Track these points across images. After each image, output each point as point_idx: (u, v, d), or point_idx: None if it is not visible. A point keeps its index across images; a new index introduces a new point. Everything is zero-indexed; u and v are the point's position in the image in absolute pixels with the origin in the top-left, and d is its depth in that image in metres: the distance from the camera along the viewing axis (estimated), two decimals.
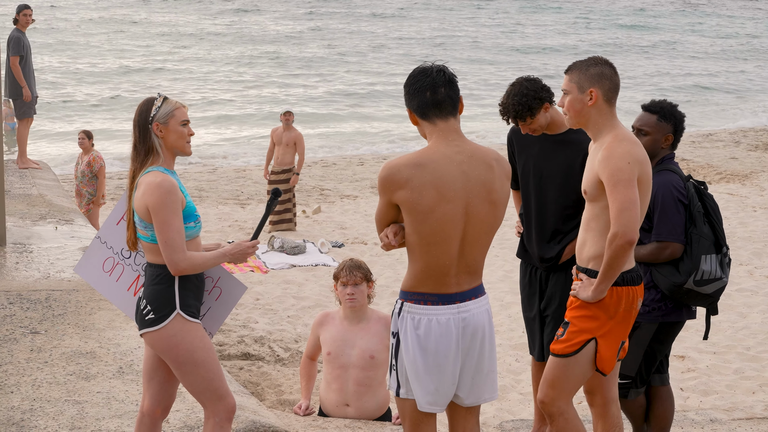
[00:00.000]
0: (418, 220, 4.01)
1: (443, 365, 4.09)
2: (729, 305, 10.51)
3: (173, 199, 4.27)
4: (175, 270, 4.29)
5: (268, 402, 7.93)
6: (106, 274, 4.71)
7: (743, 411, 7.04)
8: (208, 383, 4.39)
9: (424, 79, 4.09)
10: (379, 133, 26.68)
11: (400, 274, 12.20)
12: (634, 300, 4.49)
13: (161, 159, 4.41)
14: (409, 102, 4.15)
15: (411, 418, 4.21)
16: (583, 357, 4.48)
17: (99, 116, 28.09)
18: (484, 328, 4.15)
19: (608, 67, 4.52)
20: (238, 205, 16.64)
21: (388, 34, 49.66)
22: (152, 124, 4.38)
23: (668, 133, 5.21)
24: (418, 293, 4.10)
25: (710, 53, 46.90)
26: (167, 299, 4.33)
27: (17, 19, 13.07)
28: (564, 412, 4.55)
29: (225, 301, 4.69)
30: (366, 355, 6.06)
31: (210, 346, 4.41)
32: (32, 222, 10.41)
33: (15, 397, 5.75)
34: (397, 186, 4.01)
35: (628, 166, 4.30)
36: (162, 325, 4.32)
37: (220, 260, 4.41)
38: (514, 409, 7.86)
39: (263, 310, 10.73)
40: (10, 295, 7.66)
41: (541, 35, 51.78)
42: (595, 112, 4.48)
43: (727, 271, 5.16)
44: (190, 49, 42.59)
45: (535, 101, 5.33)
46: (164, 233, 4.26)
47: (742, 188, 17.80)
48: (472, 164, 4.07)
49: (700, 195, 5.17)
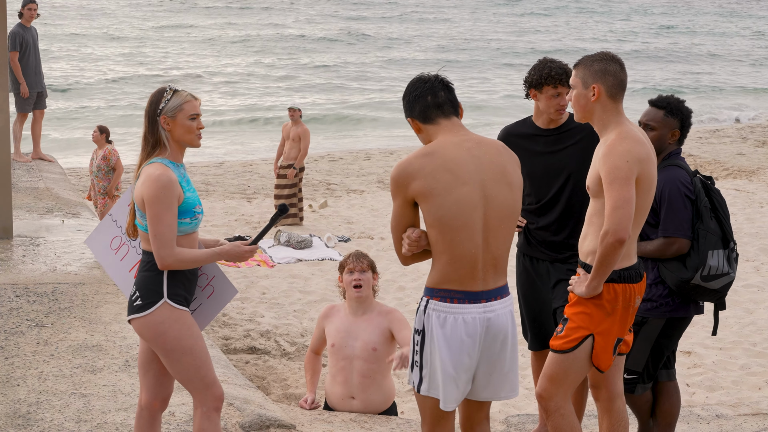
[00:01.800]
0: (436, 206, 3.99)
1: (465, 363, 4.09)
2: (735, 301, 10.49)
3: (167, 194, 4.27)
4: (161, 264, 4.30)
5: (274, 396, 7.93)
6: (113, 252, 4.77)
7: (749, 407, 7.03)
8: (196, 371, 4.37)
9: (422, 85, 4.13)
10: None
11: (406, 270, 12.19)
12: (631, 297, 4.48)
13: (168, 151, 4.41)
14: (410, 111, 4.16)
15: (432, 414, 4.20)
16: (581, 353, 4.48)
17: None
18: (506, 330, 4.15)
19: (614, 64, 4.49)
20: (245, 199, 16.65)
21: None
22: (160, 116, 4.38)
23: (675, 128, 5.19)
24: (444, 290, 4.08)
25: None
26: (155, 287, 4.34)
27: (22, 13, 13.07)
28: (561, 407, 4.55)
29: (216, 300, 4.70)
30: (368, 347, 6.07)
31: (198, 334, 4.41)
32: (39, 215, 10.43)
33: (21, 390, 5.76)
34: (410, 178, 4.01)
35: (626, 164, 4.29)
36: (149, 311, 4.32)
37: (213, 259, 4.40)
38: (520, 404, 7.87)
39: (269, 305, 10.74)
40: (16, 288, 7.67)
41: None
42: (599, 108, 4.47)
43: (734, 267, 5.14)
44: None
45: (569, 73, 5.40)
46: (154, 226, 4.28)
47: (749, 184, 17.77)
48: (481, 149, 4.08)
49: (707, 190, 5.16)
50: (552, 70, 5.36)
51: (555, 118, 5.45)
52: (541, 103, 5.43)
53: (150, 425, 4.60)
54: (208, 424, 4.40)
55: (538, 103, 5.45)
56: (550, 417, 4.57)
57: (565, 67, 5.41)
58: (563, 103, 5.39)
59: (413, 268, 12.26)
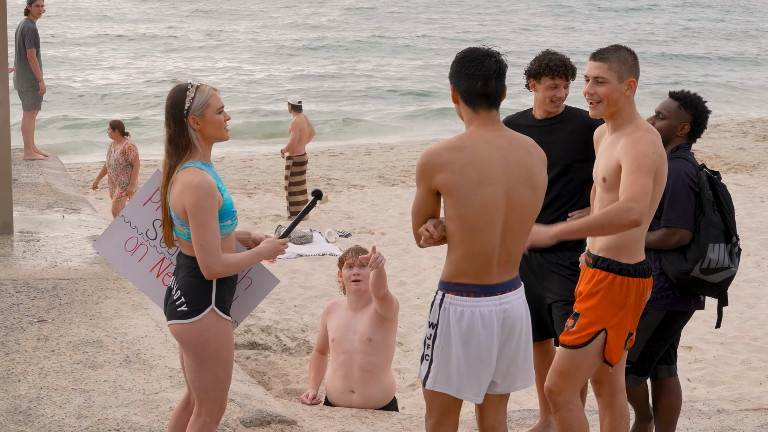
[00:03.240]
0: (459, 203, 3.98)
1: (485, 356, 4.09)
2: (736, 296, 10.48)
3: (211, 202, 4.12)
4: (209, 274, 4.17)
5: (275, 391, 7.93)
6: (128, 254, 4.59)
7: (750, 402, 7.02)
8: (219, 383, 4.31)
9: (478, 67, 4.03)
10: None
11: (407, 264, 12.19)
12: (643, 292, 4.50)
13: (199, 152, 4.23)
14: (456, 81, 4.10)
15: (440, 408, 4.20)
16: (593, 348, 4.49)
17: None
18: (522, 320, 4.17)
19: (636, 57, 4.53)
20: (246, 194, 16.64)
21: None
22: (188, 117, 4.18)
23: (686, 121, 5.18)
24: (459, 284, 4.08)
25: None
26: (204, 293, 4.22)
27: (29, 9, 13.07)
28: (569, 402, 4.56)
29: (254, 291, 4.62)
30: (364, 338, 6.08)
31: (233, 348, 4.34)
32: (39, 211, 10.43)
33: (22, 386, 5.76)
34: (437, 169, 3.98)
35: (652, 155, 4.31)
36: (195, 318, 4.21)
37: (254, 260, 4.31)
38: (521, 399, 7.86)
39: (270, 300, 10.73)
40: (17, 283, 7.67)
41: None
42: (625, 102, 4.48)
43: (736, 261, 5.14)
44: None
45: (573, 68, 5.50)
46: (200, 236, 4.13)
47: (749, 179, 17.75)
48: (511, 149, 4.06)
49: (712, 184, 5.15)
50: (551, 62, 5.43)
51: (551, 110, 5.52)
52: (539, 94, 5.50)
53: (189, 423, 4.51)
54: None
55: (536, 94, 5.51)
56: (558, 411, 4.57)
57: (565, 60, 5.46)
58: (560, 94, 5.46)
59: (414, 263, 12.27)
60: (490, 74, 4.04)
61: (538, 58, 5.50)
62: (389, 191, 17.09)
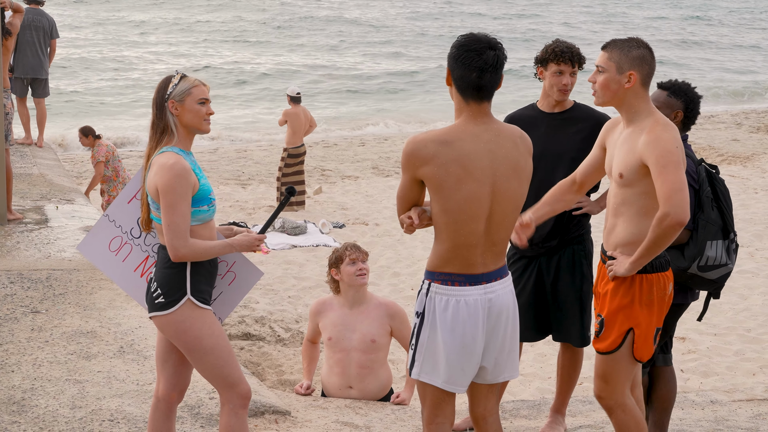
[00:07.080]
0: (444, 197, 3.99)
1: (470, 346, 4.09)
2: (730, 287, 10.48)
3: (183, 183, 4.18)
4: (175, 255, 4.21)
5: (269, 382, 7.94)
6: (112, 254, 4.59)
7: (743, 392, 7.04)
8: (219, 370, 4.32)
9: (476, 58, 4.01)
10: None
11: (401, 255, 12.19)
12: (665, 286, 4.48)
13: (176, 139, 4.32)
14: (452, 66, 4.08)
15: (432, 399, 4.20)
16: (625, 349, 4.49)
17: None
18: (509, 309, 4.17)
19: (649, 52, 4.47)
20: (239, 185, 16.62)
21: None
22: (168, 101, 4.30)
23: (677, 109, 5.16)
24: (445, 273, 4.09)
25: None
26: (178, 283, 4.26)
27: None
28: (621, 404, 4.54)
29: (238, 286, 4.62)
30: (367, 339, 6.07)
31: (220, 332, 4.34)
32: (33, 201, 10.40)
33: (16, 377, 5.76)
34: (422, 161, 3.99)
35: (676, 150, 4.28)
36: (172, 309, 4.25)
37: (225, 250, 4.34)
38: (514, 390, 7.87)
39: (264, 291, 10.73)
40: (11, 274, 7.66)
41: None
42: (631, 95, 4.44)
43: (733, 258, 5.12)
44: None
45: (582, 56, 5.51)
46: (168, 216, 4.19)
47: (743, 170, 17.78)
48: (498, 142, 4.06)
49: (711, 179, 5.14)
50: (557, 47, 5.43)
51: (558, 99, 5.46)
52: (546, 82, 5.48)
53: (166, 417, 4.54)
54: (235, 421, 4.37)
55: (544, 82, 5.50)
56: (613, 414, 4.56)
57: (572, 47, 5.45)
58: (565, 81, 5.41)
59: (408, 253, 12.27)
60: (486, 67, 4.02)
61: (546, 46, 5.51)
62: (383, 182, 17.09)
